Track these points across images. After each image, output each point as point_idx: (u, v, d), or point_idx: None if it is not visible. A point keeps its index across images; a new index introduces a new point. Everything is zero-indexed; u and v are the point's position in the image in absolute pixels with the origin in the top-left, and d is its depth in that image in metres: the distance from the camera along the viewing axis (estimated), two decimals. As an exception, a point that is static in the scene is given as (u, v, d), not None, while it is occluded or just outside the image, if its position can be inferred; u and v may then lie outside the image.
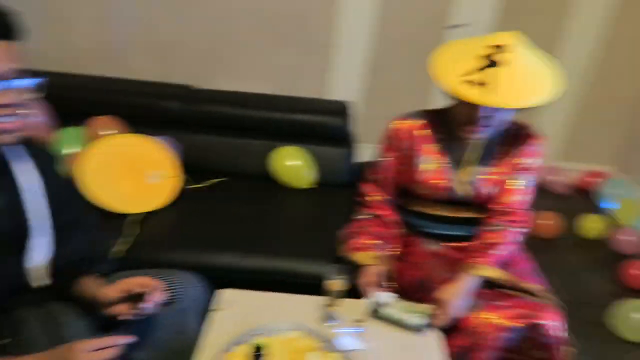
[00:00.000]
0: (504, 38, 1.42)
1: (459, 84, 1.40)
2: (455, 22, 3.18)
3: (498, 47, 1.41)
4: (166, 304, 1.31)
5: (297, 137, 2.39)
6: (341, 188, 2.30)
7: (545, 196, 3.57)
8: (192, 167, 2.28)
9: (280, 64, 3.33)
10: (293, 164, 2.24)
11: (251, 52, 3.30)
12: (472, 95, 1.38)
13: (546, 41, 3.31)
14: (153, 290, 1.24)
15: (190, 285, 1.46)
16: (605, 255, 2.93)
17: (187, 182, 2.19)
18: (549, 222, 3.00)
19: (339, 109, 2.46)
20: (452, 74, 1.42)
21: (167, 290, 1.32)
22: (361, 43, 3.28)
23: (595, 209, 3.36)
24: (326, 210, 2.14)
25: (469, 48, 1.45)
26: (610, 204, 3.37)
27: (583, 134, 3.62)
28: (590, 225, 3.04)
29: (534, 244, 2.96)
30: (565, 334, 1.47)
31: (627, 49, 3.36)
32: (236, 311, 1.44)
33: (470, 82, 1.38)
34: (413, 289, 1.63)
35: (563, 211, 3.27)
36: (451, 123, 1.57)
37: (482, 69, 1.39)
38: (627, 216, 3.15)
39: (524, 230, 1.63)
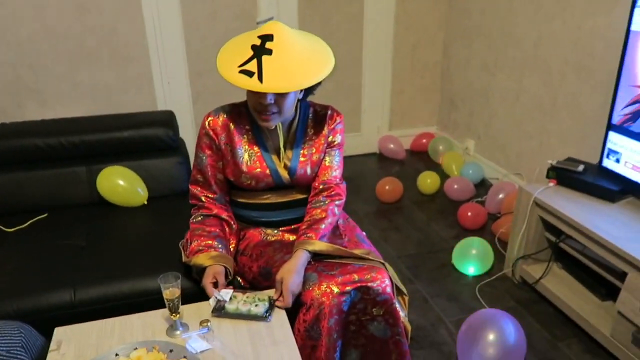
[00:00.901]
0: (269, 28, 1.50)
1: (235, 75, 1.47)
2: (265, 15, 3.26)
3: (265, 37, 1.48)
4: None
5: (125, 155, 2.28)
6: (180, 197, 2.25)
7: (385, 164, 3.85)
8: (7, 210, 2.09)
9: (98, 82, 3.16)
10: (121, 184, 2.13)
11: (63, 75, 3.08)
12: (244, 83, 1.45)
13: (352, 25, 3.57)
14: None
15: (13, 333, 1.35)
16: (444, 205, 3.24)
17: (3, 226, 1.99)
18: (392, 187, 3.23)
19: (164, 119, 2.40)
20: (231, 65, 1.49)
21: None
22: (178, 48, 3.23)
23: (429, 167, 3.70)
24: (166, 222, 2.07)
25: (246, 41, 1.52)
26: (438, 160, 3.74)
27: (406, 102, 3.96)
28: (427, 182, 3.33)
29: (383, 209, 3.21)
30: (393, 289, 1.60)
31: (422, 20, 3.73)
32: (75, 346, 1.37)
33: (245, 72, 1.46)
34: (260, 279, 1.66)
35: (403, 174, 3.56)
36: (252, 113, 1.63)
37: (252, 58, 1.47)
38: (453, 167, 3.51)
39: (342, 202, 1.74)
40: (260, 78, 1.43)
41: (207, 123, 1.66)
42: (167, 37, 3.18)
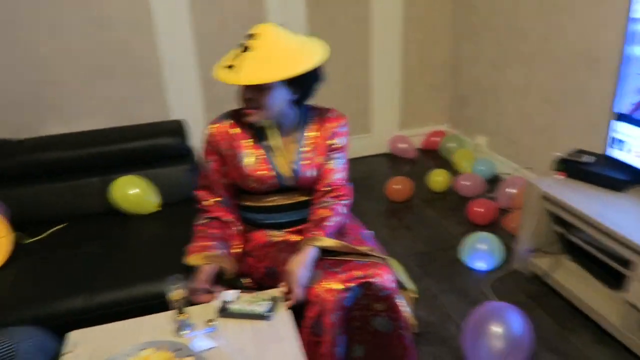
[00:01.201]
0: (258, 28, 1.58)
1: (219, 70, 1.57)
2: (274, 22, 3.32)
3: (251, 35, 1.56)
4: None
5: (137, 165, 2.36)
6: (191, 203, 2.31)
7: (396, 164, 3.86)
8: (28, 221, 2.19)
9: (113, 96, 3.26)
10: (133, 192, 2.21)
11: (79, 90, 3.19)
12: (221, 76, 1.55)
13: (360, 25, 3.61)
14: None
15: (29, 338, 1.43)
16: (454, 202, 3.24)
17: (22, 237, 2.08)
18: (401, 186, 3.25)
19: (174, 128, 2.48)
20: (221, 64, 1.59)
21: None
22: (189, 59, 3.32)
23: (441, 165, 3.70)
24: (177, 227, 2.13)
25: (241, 43, 1.59)
26: (450, 157, 3.74)
27: (416, 101, 3.97)
28: (437, 179, 3.34)
29: (394, 208, 3.23)
30: (395, 284, 1.62)
31: (429, 18, 3.74)
32: (88, 349, 1.43)
33: (228, 67, 1.56)
34: (266, 279, 1.71)
35: (415, 173, 3.57)
36: None
37: (237, 55, 1.56)
38: (465, 164, 3.51)
39: (348, 202, 1.77)
40: (239, 71, 1.52)
41: (212, 130, 1.72)
42: (179, 48, 3.26)
